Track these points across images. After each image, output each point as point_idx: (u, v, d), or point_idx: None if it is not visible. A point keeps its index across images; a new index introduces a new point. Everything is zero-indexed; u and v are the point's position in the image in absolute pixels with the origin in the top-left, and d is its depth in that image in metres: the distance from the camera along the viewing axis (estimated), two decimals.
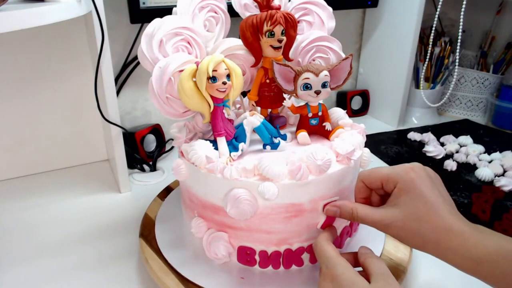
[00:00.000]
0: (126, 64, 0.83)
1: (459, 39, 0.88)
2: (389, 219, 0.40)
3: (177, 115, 0.51)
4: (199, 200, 0.49)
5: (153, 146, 0.86)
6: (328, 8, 0.57)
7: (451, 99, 1.12)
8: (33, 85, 0.74)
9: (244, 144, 0.49)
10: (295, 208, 0.46)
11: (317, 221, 0.48)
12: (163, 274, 0.49)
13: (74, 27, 0.72)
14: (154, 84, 0.48)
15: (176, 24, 0.49)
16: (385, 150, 0.90)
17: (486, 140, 0.94)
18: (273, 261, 0.49)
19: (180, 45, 0.50)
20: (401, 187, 0.41)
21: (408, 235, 0.39)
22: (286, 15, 0.51)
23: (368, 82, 1.09)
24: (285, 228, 0.47)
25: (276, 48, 0.52)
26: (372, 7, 0.97)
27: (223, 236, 0.48)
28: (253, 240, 0.48)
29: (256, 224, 0.46)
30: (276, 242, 0.48)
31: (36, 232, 0.63)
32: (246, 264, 0.49)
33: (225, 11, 0.56)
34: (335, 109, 0.57)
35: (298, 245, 0.48)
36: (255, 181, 0.44)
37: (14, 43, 0.70)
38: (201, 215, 0.50)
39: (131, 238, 0.61)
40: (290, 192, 0.45)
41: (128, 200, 0.72)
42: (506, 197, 0.72)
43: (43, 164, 0.80)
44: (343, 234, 0.51)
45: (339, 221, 0.49)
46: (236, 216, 0.45)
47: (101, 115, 0.67)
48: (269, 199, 0.44)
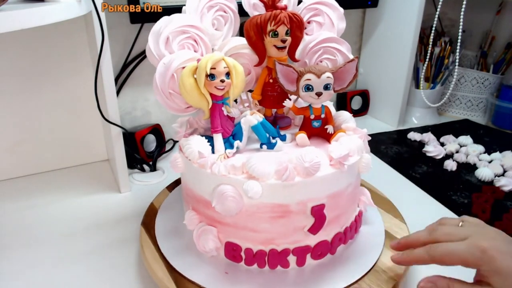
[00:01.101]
0: (126, 64, 0.83)
1: (459, 39, 0.88)
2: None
3: (180, 110, 0.52)
4: (193, 193, 0.51)
5: (153, 146, 0.86)
6: (339, 9, 0.56)
7: (451, 99, 1.12)
8: (33, 85, 0.74)
9: (240, 142, 0.50)
10: (282, 209, 0.45)
11: (304, 224, 0.47)
12: (154, 262, 0.51)
13: (74, 27, 0.72)
14: (158, 80, 0.49)
15: (183, 22, 0.50)
16: (385, 150, 0.90)
17: (486, 140, 0.94)
18: (258, 259, 0.49)
19: (186, 42, 0.51)
20: (487, 269, 0.40)
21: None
22: (292, 15, 0.50)
23: (368, 82, 1.09)
24: (271, 228, 0.47)
25: (279, 48, 0.51)
26: (372, 7, 0.97)
27: (212, 230, 0.49)
28: (240, 237, 0.48)
29: (242, 221, 0.47)
30: (262, 241, 0.48)
31: (36, 232, 0.63)
32: (232, 260, 0.50)
33: (235, 11, 0.56)
34: (341, 112, 0.56)
35: (284, 247, 0.48)
36: (241, 179, 0.44)
37: (14, 43, 0.70)
38: (194, 209, 0.52)
39: (131, 237, 0.61)
40: (276, 192, 0.45)
41: (128, 200, 0.72)
42: (506, 197, 0.72)
43: (43, 164, 0.80)
44: (335, 241, 0.50)
45: (331, 225, 0.49)
46: (221, 212, 0.46)
47: (101, 115, 0.67)
48: (252, 197, 0.44)
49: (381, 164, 0.84)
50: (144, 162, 0.81)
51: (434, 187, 0.75)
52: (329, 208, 0.47)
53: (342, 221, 0.51)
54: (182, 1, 0.75)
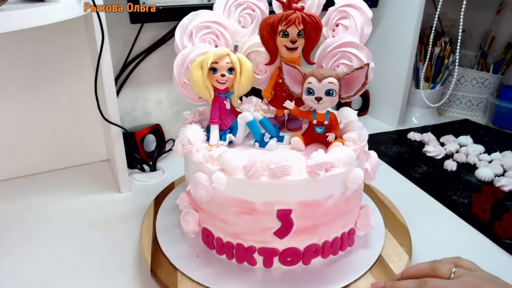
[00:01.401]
0: (126, 64, 0.83)
1: (459, 39, 0.88)
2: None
3: (194, 99, 0.56)
4: (186, 177, 0.55)
5: (153, 146, 0.86)
6: (367, 13, 0.53)
7: (451, 99, 1.12)
8: (33, 85, 0.74)
9: (233, 136, 0.52)
10: (247, 206, 0.46)
11: (271, 226, 0.47)
12: (145, 233, 0.56)
13: (74, 27, 0.72)
14: (175, 69, 0.54)
15: (207, 18, 0.54)
16: (385, 150, 0.90)
17: (486, 140, 0.94)
18: (227, 251, 0.50)
19: (207, 37, 0.54)
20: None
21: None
22: (307, 16, 0.49)
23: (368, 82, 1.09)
24: (237, 222, 0.48)
25: (289, 49, 0.51)
26: (372, 7, 0.97)
27: (194, 214, 0.53)
28: (213, 225, 0.51)
29: (215, 210, 0.49)
30: (230, 233, 0.49)
31: (36, 232, 0.63)
32: (207, 246, 0.53)
33: (263, 10, 0.58)
34: (345, 109, 0.55)
35: (251, 244, 0.49)
36: (214, 169, 0.47)
37: (14, 43, 0.70)
38: (187, 192, 0.54)
39: (131, 237, 0.61)
40: (241, 188, 0.46)
41: (128, 200, 0.72)
42: (506, 197, 0.72)
43: (43, 164, 0.80)
44: (308, 251, 0.49)
45: (303, 235, 0.48)
46: (194, 197, 0.49)
47: (101, 115, 0.67)
48: (216, 188, 0.46)
49: (381, 164, 0.83)
50: (144, 162, 0.81)
51: (434, 187, 0.75)
52: (299, 215, 0.46)
53: (319, 234, 0.49)
54: (182, 1, 0.76)
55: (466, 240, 0.61)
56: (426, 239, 0.60)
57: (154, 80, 0.87)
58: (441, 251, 0.58)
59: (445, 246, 0.60)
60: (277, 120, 0.58)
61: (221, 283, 0.47)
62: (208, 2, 0.78)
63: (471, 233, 0.63)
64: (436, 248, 0.59)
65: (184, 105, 0.92)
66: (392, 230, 0.58)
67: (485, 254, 0.58)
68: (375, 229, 0.55)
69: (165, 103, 0.90)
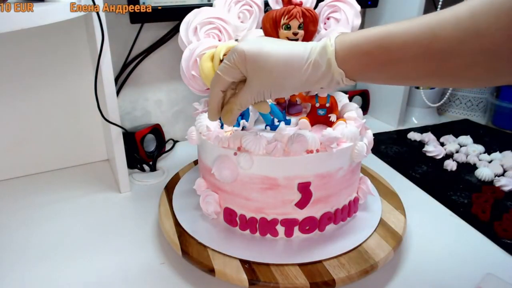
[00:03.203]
0: (126, 64, 0.83)
1: None
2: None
3: (202, 91, 0.60)
4: (202, 163, 0.59)
5: (153, 146, 0.86)
6: (356, 6, 0.60)
7: (451, 99, 1.12)
8: (33, 85, 0.74)
9: (246, 121, 0.57)
10: (270, 182, 0.51)
11: (292, 198, 0.52)
12: (165, 218, 0.59)
13: (74, 27, 0.72)
14: (183, 63, 0.57)
15: (210, 14, 0.58)
16: (385, 150, 0.90)
17: (486, 140, 0.94)
18: (250, 225, 0.54)
19: (211, 32, 0.59)
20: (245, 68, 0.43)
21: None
22: (305, 10, 0.55)
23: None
24: (261, 197, 0.52)
25: (291, 40, 0.55)
26: (372, 7, 0.97)
27: (214, 196, 0.56)
28: (235, 203, 0.54)
29: (237, 189, 0.53)
30: (253, 209, 0.53)
31: (36, 232, 0.63)
32: (229, 224, 0.56)
33: (259, 6, 0.62)
34: (350, 104, 0.60)
35: (273, 217, 0.53)
36: (237, 151, 0.51)
37: (14, 43, 0.70)
38: (203, 176, 0.59)
39: (131, 238, 0.61)
40: (264, 166, 0.50)
41: (128, 200, 0.72)
42: (506, 197, 0.72)
43: (43, 164, 0.80)
44: (323, 219, 0.54)
45: (319, 204, 0.52)
46: (219, 178, 0.52)
47: (101, 115, 0.67)
48: (243, 168, 0.50)
49: (381, 164, 0.84)
50: (144, 162, 0.81)
51: (434, 187, 0.75)
52: (316, 186, 0.51)
53: (332, 202, 0.54)
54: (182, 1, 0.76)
55: (466, 240, 0.61)
56: (426, 239, 0.60)
57: (154, 80, 0.87)
58: (441, 251, 0.59)
59: (445, 246, 0.60)
60: (280, 106, 0.62)
61: (251, 254, 0.51)
62: (208, 2, 0.78)
63: (471, 233, 0.63)
64: (436, 248, 0.59)
65: (184, 105, 0.92)
66: (385, 197, 0.65)
67: (485, 254, 0.58)
68: (374, 196, 0.63)
69: (165, 103, 0.91)
